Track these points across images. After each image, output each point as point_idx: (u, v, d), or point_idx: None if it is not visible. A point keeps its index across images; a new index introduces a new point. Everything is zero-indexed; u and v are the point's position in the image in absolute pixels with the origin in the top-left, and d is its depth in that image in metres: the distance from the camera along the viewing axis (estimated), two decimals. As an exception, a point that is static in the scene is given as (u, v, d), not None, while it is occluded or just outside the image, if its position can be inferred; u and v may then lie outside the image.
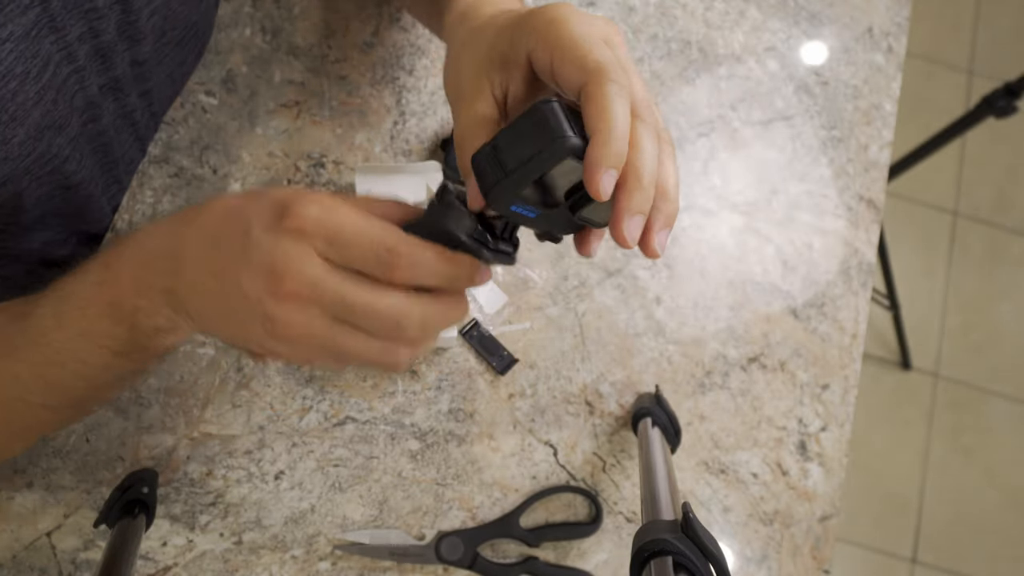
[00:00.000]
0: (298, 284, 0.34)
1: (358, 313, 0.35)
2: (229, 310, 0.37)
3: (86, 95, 0.48)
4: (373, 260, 0.35)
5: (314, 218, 0.35)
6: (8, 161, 0.43)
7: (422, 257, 0.35)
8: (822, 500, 0.60)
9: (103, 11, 0.45)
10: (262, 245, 0.35)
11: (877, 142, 0.69)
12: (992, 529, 1.69)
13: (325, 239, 0.34)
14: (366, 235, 0.35)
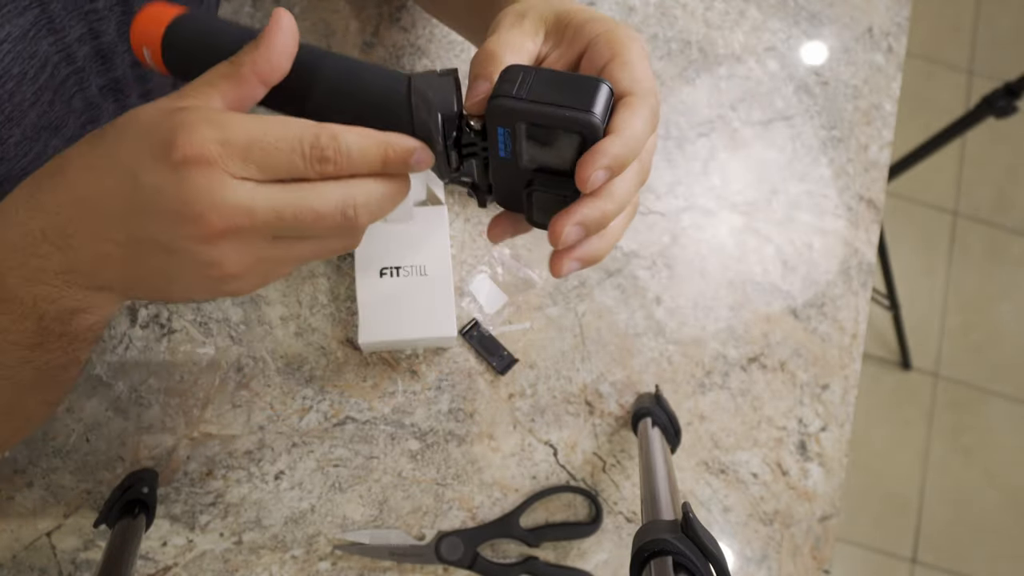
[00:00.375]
0: (224, 218, 0.31)
1: (301, 223, 0.32)
2: (154, 270, 0.34)
3: (85, 96, 0.48)
4: (299, 161, 0.32)
5: (214, 140, 0.31)
6: (4, 162, 0.43)
7: (352, 141, 0.33)
8: (822, 500, 0.60)
9: (103, 12, 0.45)
10: (161, 189, 0.31)
11: (877, 142, 0.69)
12: (992, 529, 1.69)
13: (237, 158, 0.31)
14: (281, 138, 0.32)
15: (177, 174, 0.30)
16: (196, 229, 0.31)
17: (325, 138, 0.32)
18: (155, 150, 0.31)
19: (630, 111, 0.34)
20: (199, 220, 0.31)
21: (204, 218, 0.31)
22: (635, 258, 0.63)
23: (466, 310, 0.60)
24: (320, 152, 0.32)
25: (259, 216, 0.31)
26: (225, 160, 0.31)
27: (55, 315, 0.37)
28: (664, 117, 0.67)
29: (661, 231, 0.64)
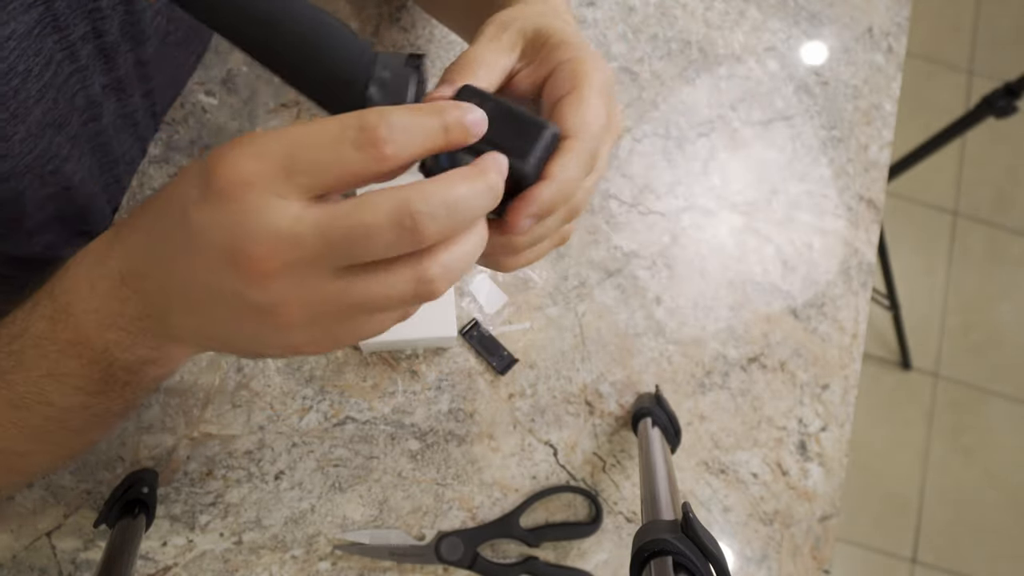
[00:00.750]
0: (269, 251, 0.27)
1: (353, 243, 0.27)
2: (217, 320, 0.31)
3: (87, 94, 0.48)
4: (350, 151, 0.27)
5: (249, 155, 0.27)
6: (9, 158, 0.43)
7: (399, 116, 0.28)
8: (822, 500, 0.60)
9: (107, 11, 0.45)
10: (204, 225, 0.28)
11: (877, 142, 0.69)
12: (992, 529, 1.69)
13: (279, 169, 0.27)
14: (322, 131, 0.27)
15: (219, 206, 0.27)
16: (242, 268, 0.27)
17: (372, 117, 0.28)
18: (200, 182, 0.28)
19: (568, 156, 0.34)
20: (243, 257, 0.27)
21: (248, 253, 0.27)
22: (635, 258, 0.63)
23: (466, 310, 0.60)
24: (372, 133, 0.27)
25: (306, 243, 0.27)
26: (265, 176, 0.27)
27: (125, 364, 0.36)
28: (664, 117, 0.67)
29: (661, 231, 0.64)
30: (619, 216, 0.64)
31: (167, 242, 0.30)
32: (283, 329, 0.29)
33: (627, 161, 0.65)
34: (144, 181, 0.60)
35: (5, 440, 0.38)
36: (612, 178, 0.65)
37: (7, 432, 0.38)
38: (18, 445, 0.39)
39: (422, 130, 0.29)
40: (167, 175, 0.60)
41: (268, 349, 0.32)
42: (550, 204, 0.34)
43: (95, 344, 0.34)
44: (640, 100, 0.67)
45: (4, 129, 0.41)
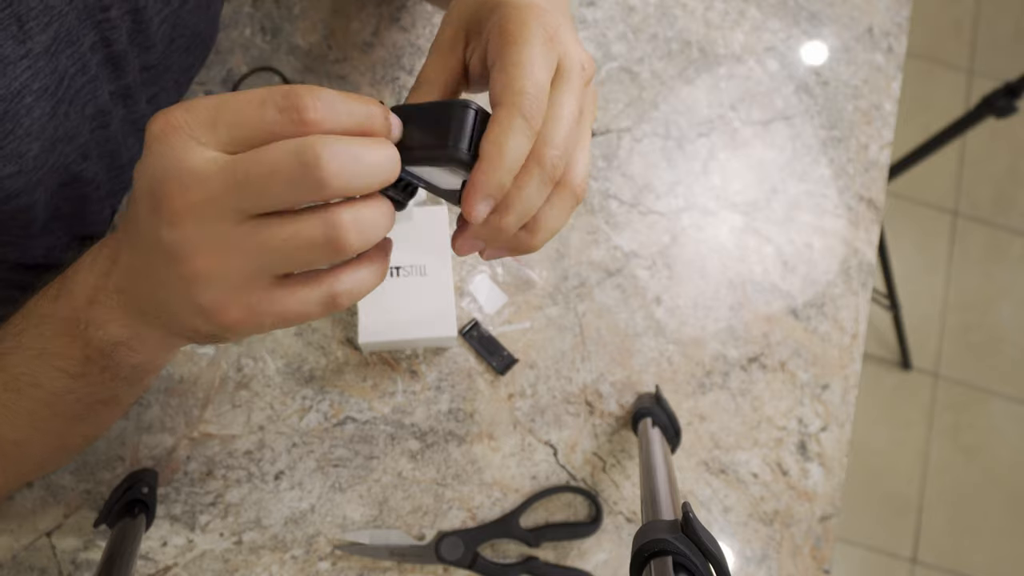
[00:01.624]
0: (179, 187, 0.28)
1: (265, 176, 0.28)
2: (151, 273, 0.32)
3: (97, 103, 0.48)
4: (273, 112, 0.28)
5: (179, 109, 0.29)
6: (23, 174, 0.43)
7: (328, 93, 0.29)
8: (822, 500, 0.60)
9: (115, 21, 0.45)
10: (139, 172, 0.30)
11: (877, 142, 0.69)
12: (992, 529, 1.69)
13: (205, 120, 0.29)
14: (255, 94, 0.29)
15: (149, 152, 0.29)
16: (158, 206, 0.29)
17: (302, 88, 0.29)
18: (144, 139, 0.30)
19: (494, 129, 0.32)
20: (160, 195, 0.29)
21: (163, 191, 0.29)
22: (635, 258, 0.63)
23: (466, 310, 0.60)
24: (297, 100, 0.28)
25: (213, 182, 0.28)
26: (192, 125, 0.29)
27: (99, 345, 0.36)
28: (664, 117, 0.67)
29: (661, 231, 0.64)
30: (619, 216, 0.64)
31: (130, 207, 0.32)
32: (195, 281, 0.30)
33: (627, 161, 0.65)
34: (144, 181, 0.60)
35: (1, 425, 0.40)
36: (612, 178, 0.65)
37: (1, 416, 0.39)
38: (12, 432, 0.41)
39: (346, 108, 0.29)
40: (167, 175, 0.60)
41: (186, 311, 0.32)
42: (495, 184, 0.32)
43: (80, 319, 0.36)
44: (640, 100, 0.67)
45: (19, 147, 0.41)
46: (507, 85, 0.32)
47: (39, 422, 0.41)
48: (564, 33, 0.35)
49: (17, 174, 0.43)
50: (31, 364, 0.37)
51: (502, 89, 0.32)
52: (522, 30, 0.33)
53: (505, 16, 0.34)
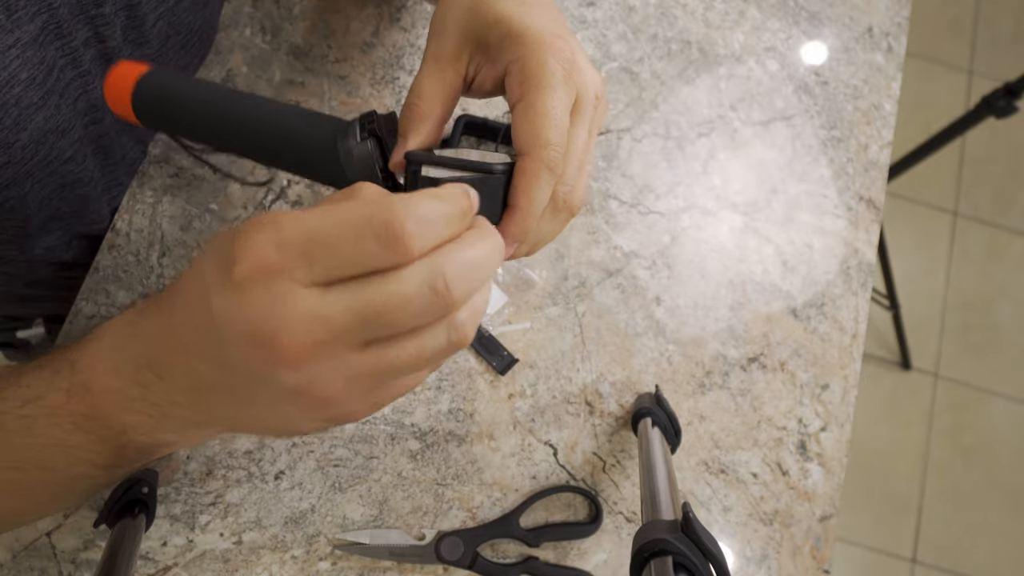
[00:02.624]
0: (299, 335, 0.27)
1: (385, 317, 0.27)
2: (247, 402, 0.30)
3: (89, 99, 0.48)
4: (373, 246, 0.27)
5: (269, 243, 0.27)
6: (11, 165, 0.43)
7: (426, 209, 0.28)
8: (822, 500, 0.60)
9: (109, 17, 0.45)
10: (228, 314, 0.28)
11: (877, 142, 0.69)
12: (992, 529, 1.69)
13: (299, 258, 0.27)
14: (347, 223, 0.27)
15: (241, 293, 0.27)
16: (272, 354, 0.27)
17: (399, 210, 0.27)
18: (219, 267, 0.28)
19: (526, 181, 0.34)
20: (272, 343, 0.27)
21: (277, 340, 0.27)
22: (635, 258, 0.63)
23: (466, 310, 0.60)
24: (399, 228, 0.27)
25: (337, 322, 0.27)
26: (286, 265, 0.27)
27: (141, 446, 0.36)
28: (664, 117, 0.67)
29: (661, 231, 0.64)
30: (619, 216, 0.64)
31: (191, 330, 0.30)
32: (320, 407, 0.29)
33: (627, 161, 0.65)
34: (144, 181, 0.60)
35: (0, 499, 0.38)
36: (612, 178, 0.65)
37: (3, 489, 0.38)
38: (11, 503, 0.39)
39: (442, 218, 0.28)
40: (167, 175, 0.60)
41: (306, 425, 0.31)
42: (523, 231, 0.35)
43: (112, 424, 0.35)
44: (640, 100, 0.67)
45: (6, 136, 0.41)
46: (534, 136, 0.34)
47: (42, 498, 0.40)
48: (579, 60, 0.36)
49: (6, 165, 0.43)
50: (45, 452, 0.36)
51: (529, 139, 0.34)
52: (543, 73, 0.35)
53: (524, 56, 0.35)
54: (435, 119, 0.38)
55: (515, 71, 0.36)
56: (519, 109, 0.35)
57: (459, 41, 0.38)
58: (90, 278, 0.57)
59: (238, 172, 0.60)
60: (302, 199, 0.60)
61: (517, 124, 0.35)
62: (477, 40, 0.38)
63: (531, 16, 0.36)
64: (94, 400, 0.34)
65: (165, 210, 0.59)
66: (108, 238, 0.58)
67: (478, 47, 0.38)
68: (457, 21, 0.38)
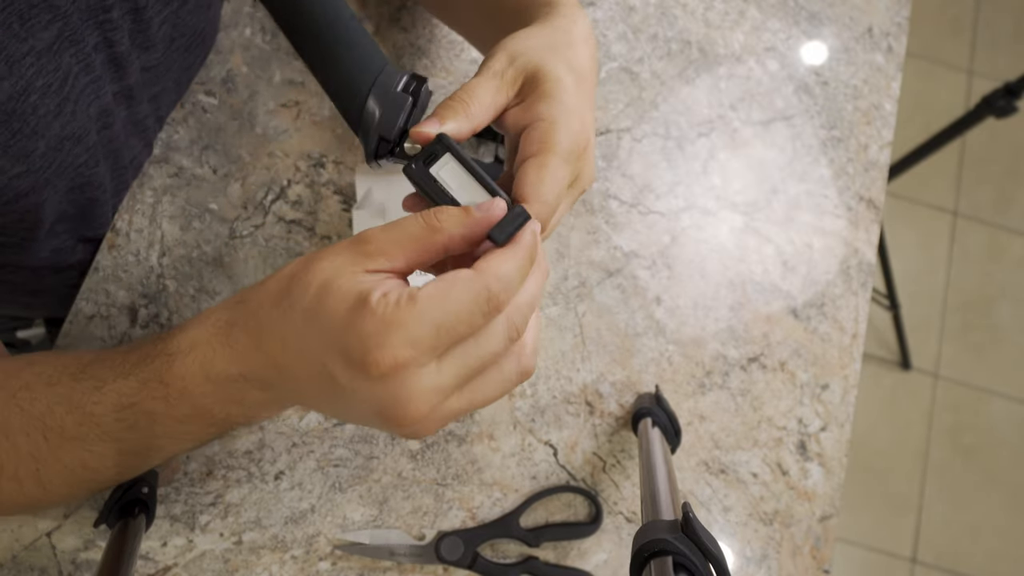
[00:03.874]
0: (421, 406, 0.33)
1: (487, 362, 0.34)
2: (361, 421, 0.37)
3: (100, 104, 0.48)
4: (480, 322, 0.33)
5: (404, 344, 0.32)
6: (30, 173, 0.43)
7: (511, 275, 0.34)
8: (822, 500, 0.60)
9: (117, 22, 0.45)
10: (361, 394, 0.33)
11: (877, 142, 0.69)
12: (992, 529, 1.69)
13: (429, 352, 0.32)
14: (460, 310, 0.32)
15: (376, 384, 0.32)
16: (396, 420, 0.33)
17: (496, 287, 0.33)
18: (350, 361, 0.32)
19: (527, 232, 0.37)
20: (398, 415, 0.33)
21: (404, 412, 0.33)
22: (635, 258, 0.63)
23: (466, 310, 0.60)
24: (497, 301, 0.33)
25: (449, 387, 0.33)
26: (419, 360, 0.32)
27: (245, 421, 0.40)
28: (664, 117, 0.67)
29: (661, 231, 0.64)
30: (619, 216, 0.64)
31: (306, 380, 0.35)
32: (418, 434, 0.35)
33: (627, 161, 0.65)
34: (144, 181, 0.60)
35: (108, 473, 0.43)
36: (612, 178, 0.65)
37: (112, 468, 0.42)
38: (120, 475, 0.44)
39: (522, 272, 0.34)
40: (167, 175, 0.60)
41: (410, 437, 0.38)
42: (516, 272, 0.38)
43: (216, 415, 0.39)
44: (640, 100, 0.67)
45: (24, 146, 0.41)
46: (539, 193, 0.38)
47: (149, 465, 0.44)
48: (591, 150, 0.42)
49: (25, 173, 0.43)
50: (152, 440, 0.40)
51: (533, 192, 0.38)
52: (561, 143, 0.39)
53: (551, 121, 0.39)
54: (474, 125, 0.40)
55: (539, 129, 0.39)
56: (532, 163, 0.39)
57: (519, 72, 0.41)
58: (90, 278, 0.57)
59: (238, 172, 0.61)
60: (302, 199, 0.60)
61: (526, 175, 0.38)
62: (530, 80, 0.41)
63: (576, 95, 0.41)
64: (195, 402, 0.38)
65: (165, 210, 0.59)
66: (108, 238, 0.58)
67: (528, 86, 0.41)
68: (526, 55, 0.41)
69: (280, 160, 0.61)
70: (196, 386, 0.38)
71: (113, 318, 0.56)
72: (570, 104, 0.40)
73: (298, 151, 0.62)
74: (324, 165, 0.62)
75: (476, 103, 0.40)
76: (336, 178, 0.61)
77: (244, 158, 0.61)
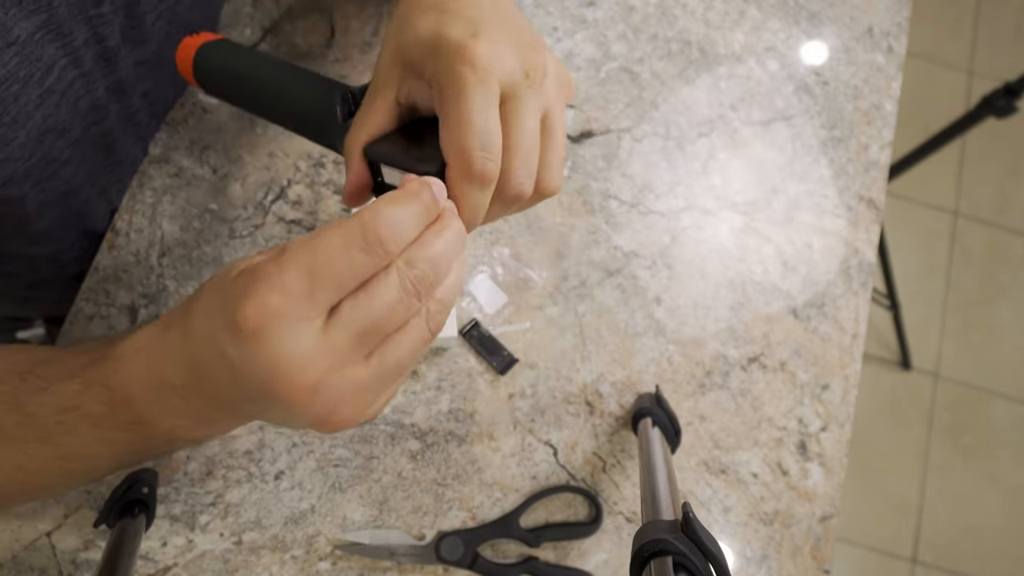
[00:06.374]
0: (311, 371, 0.30)
1: (381, 325, 0.31)
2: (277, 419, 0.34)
3: (92, 99, 0.48)
4: (361, 260, 0.30)
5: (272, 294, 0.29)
6: (9, 162, 0.43)
7: (394, 215, 0.31)
8: (822, 500, 0.60)
9: (108, 16, 0.45)
10: (245, 364, 0.30)
11: (877, 142, 0.69)
12: (992, 529, 1.69)
13: (302, 297, 0.29)
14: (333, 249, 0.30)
15: (253, 345, 0.29)
16: (290, 393, 0.30)
17: (368, 218, 0.30)
18: (227, 325, 0.30)
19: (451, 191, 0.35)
20: (289, 385, 0.30)
21: (292, 380, 0.30)
22: (635, 258, 0.63)
23: (466, 310, 0.60)
24: (374, 235, 0.30)
25: (341, 346, 0.30)
26: (293, 307, 0.29)
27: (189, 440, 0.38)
28: (664, 117, 0.67)
29: (661, 231, 0.64)
30: (619, 216, 0.64)
31: (211, 370, 0.32)
32: (339, 422, 0.32)
33: (627, 161, 0.65)
34: (144, 181, 0.60)
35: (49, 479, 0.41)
36: (612, 178, 0.65)
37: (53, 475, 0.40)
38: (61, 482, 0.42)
39: (411, 217, 0.31)
40: (167, 175, 0.60)
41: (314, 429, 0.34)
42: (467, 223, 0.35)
43: (159, 426, 0.37)
44: (640, 100, 0.67)
45: (4, 134, 0.41)
46: (449, 145, 0.34)
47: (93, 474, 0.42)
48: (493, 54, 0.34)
49: (4, 161, 0.43)
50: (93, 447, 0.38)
51: (447, 149, 0.34)
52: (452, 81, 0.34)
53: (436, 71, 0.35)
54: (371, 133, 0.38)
55: (434, 88, 0.36)
56: (441, 125, 0.35)
57: (389, 67, 0.38)
58: (90, 278, 0.57)
59: (238, 172, 0.61)
60: (302, 199, 0.60)
61: (440, 138, 0.35)
62: (405, 64, 0.37)
63: (445, 26, 0.36)
64: (140, 409, 0.36)
65: (165, 210, 0.59)
66: (108, 238, 0.58)
67: (408, 71, 0.38)
68: (387, 46, 0.38)
69: (280, 160, 0.61)
70: (140, 392, 0.36)
71: (113, 318, 0.56)
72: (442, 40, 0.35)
73: (298, 151, 0.62)
74: (324, 165, 0.62)
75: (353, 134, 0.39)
76: (336, 178, 0.61)
77: (244, 158, 0.61)
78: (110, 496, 0.49)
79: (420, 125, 0.39)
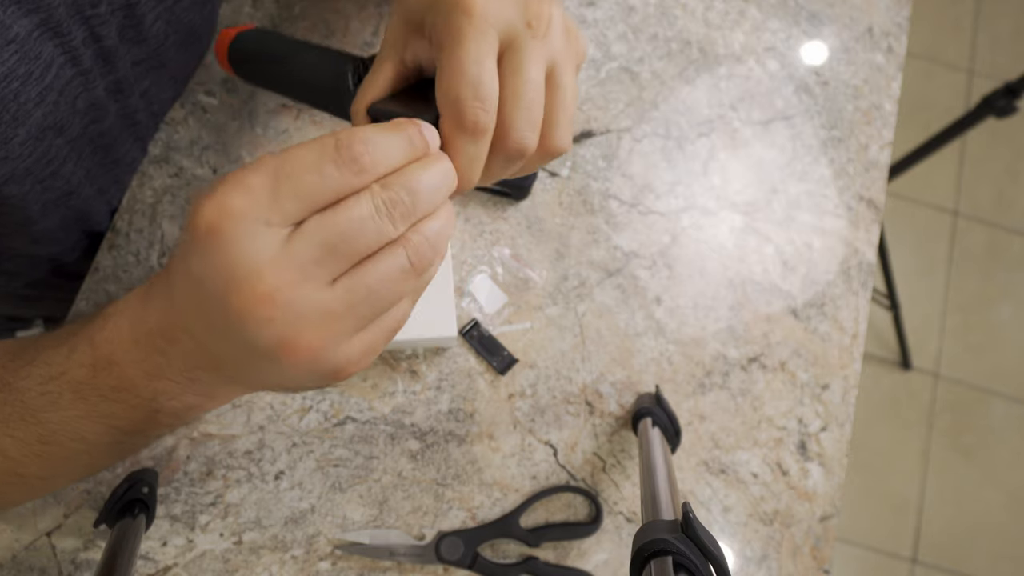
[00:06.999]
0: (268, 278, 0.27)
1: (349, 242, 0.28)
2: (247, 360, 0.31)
3: (90, 97, 0.48)
4: (332, 169, 0.28)
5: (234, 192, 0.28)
6: (8, 160, 0.43)
7: (373, 133, 0.29)
8: (822, 500, 0.60)
9: (105, 16, 0.45)
10: (204, 269, 0.28)
11: (877, 142, 0.69)
12: (992, 529, 1.69)
13: (266, 198, 0.28)
14: (304, 158, 0.28)
15: (211, 247, 0.27)
16: (248, 304, 0.28)
17: (346, 135, 0.29)
18: (190, 232, 0.28)
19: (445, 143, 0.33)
20: (247, 293, 0.27)
21: (251, 288, 0.27)
22: (635, 258, 0.63)
23: (466, 310, 0.60)
24: (349, 150, 0.28)
25: (303, 257, 0.28)
26: (255, 210, 0.27)
27: (172, 410, 0.36)
28: (664, 117, 0.67)
29: (661, 231, 0.64)
30: (619, 216, 0.64)
31: (184, 297, 0.31)
32: (310, 358, 0.29)
33: (627, 161, 0.65)
34: (144, 181, 0.60)
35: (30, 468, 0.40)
36: (612, 178, 0.65)
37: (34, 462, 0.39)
38: (42, 472, 0.41)
39: (391, 145, 0.30)
40: (167, 175, 0.60)
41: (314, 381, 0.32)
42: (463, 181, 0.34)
43: (142, 392, 0.35)
44: (640, 100, 0.67)
45: (4, 132, 0.41)
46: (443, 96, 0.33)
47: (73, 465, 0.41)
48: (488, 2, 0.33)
49: (4, 159, 0.43)
50: (74, 423, 0.37)
51: (440, 100, 0.33)
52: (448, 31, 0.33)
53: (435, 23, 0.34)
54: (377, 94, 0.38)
55: (433, 42, 0.35)
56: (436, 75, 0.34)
57: (396, 29, 0.37)
58: (90, 278, 0.57)
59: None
60: (302, 199, 0.60)
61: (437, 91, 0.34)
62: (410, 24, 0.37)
63: None
64: (122, 371, 0.35)
65: (165, 210, 0.59)
66: (108, 238, 0.58)
67: (413, 32, 0.37)
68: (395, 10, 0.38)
69: (280, 160, 0.61)
70: (122, 352, 0.35)
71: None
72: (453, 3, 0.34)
73: (298, 151, 0.62)
74: (324, 165, 0.61)
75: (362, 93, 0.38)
76: (336, 178, 0.61)
77: (244, 158, 0.61)
78: (110, 496, 0.49)
79: (425, 85, 0.38)
